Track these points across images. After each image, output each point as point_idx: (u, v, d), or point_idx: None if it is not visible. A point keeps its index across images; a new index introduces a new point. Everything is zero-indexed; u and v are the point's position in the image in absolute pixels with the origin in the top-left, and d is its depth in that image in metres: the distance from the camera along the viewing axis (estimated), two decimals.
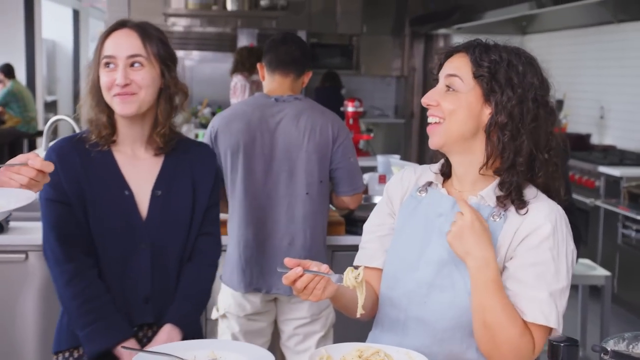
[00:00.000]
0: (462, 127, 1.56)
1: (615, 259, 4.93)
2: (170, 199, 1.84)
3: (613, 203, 4.89)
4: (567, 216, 1.58)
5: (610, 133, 6.20)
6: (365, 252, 1.73)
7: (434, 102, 1.58)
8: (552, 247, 1.51)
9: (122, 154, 1.86)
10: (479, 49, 1.56)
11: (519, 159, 1.54)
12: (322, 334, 2.83)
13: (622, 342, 1.37)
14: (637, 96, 5.80)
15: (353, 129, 5.25)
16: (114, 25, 1.81)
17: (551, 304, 1.49)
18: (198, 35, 8.50)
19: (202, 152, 1.95)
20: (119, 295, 1.80)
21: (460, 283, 1.55)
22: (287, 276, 1.50)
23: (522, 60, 1.56)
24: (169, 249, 1.83)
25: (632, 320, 4.70)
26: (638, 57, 5.79)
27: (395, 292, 1.64)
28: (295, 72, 2.81)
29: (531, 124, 1.53)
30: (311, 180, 2.71)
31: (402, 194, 1.71)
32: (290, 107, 2.74)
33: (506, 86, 1.53)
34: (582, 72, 6.54)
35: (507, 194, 1.56)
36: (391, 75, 9.15)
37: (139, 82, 1.77)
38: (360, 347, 1.46)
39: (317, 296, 1.51)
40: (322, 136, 2.72)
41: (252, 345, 1.55)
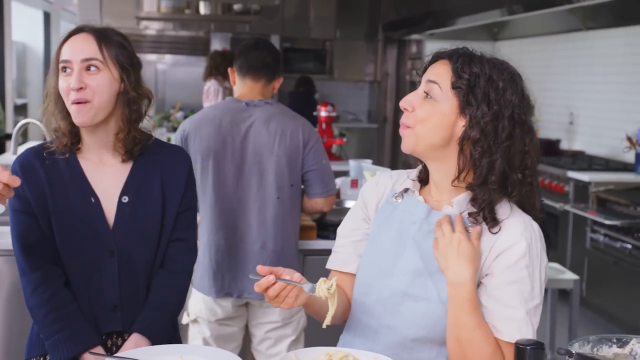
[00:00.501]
0: (433, 136, 1.55)
1: (583, 263, 4.99)
2: (138, 205, 1.81)
3: (582, 208, 4.96)
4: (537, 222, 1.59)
5: (580, 139, 6.28)
6: (339, 257, 1.73)
7: (409, 107, 1.57)
8: (527, 264, 1.51)
9: (88, 160, 1.83)
10: (462, 59, 1.54)
11: (491, 177, 1.52)
12: (294, 337, 2.83)
13: (587, 345, 1.39)
14: (605, 102, 5.89)
15: (326, 134, 5.26)
16: (71, 31, 1.79)
17: (528, 322, 1.50)
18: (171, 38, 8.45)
19: (173, 155, 1.91)
20: (86, 304, 1.78)
21: (434, 293, 1.55)
22: (259, 284, 1.49)
23: (504, 77, 1.53)
24: (138, 257, 1.80)
25: (600, 324, 4.77)
26: (606, 64, 5.88)
27: (368, 299, 1.64)
28: (266, 77, 2.82)
29: (505, 142, 1.51)
30: (282, 184, 2.72)
31: (378, 199, 1.70)
32: (261, 112, 2.75)
33: (482, 101, 1.51)
34: (552, 79, 6.62)
35: (479, 210, 1.54)
36: (364, 80, 9.19)
37: (93, 87, 1.74)
38: (329, 351, 1.47)
39: (289, 304, 1.51)
40: (292, 140, 2.73)
41: (221, 350, 1.54)
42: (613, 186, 4.92)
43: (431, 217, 1.59)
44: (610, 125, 5.77)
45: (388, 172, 1.76)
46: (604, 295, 4.81)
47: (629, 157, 5.33)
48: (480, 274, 1.54)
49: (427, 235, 1.59)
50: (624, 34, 5.65)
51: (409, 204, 1.64)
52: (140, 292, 1.82)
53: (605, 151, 5.82)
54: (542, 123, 6.51)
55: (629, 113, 5.52)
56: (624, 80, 5.65)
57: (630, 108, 5.53)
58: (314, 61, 8.90)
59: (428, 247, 1.57)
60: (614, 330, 4.52)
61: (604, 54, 5.90)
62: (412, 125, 1.56)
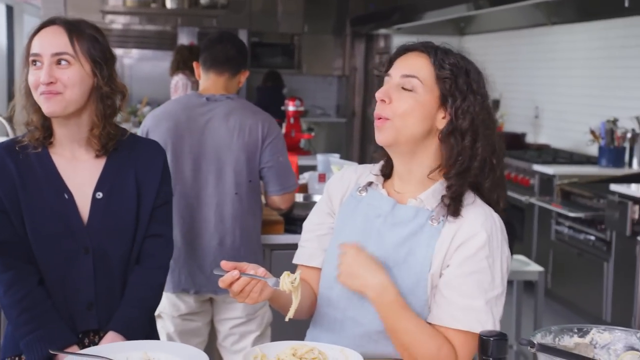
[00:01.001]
0: (412, 128, 1.55)
1: (548, 254, 5.06)
2: (112, 201, 1.78)
3: (547, 200, 5.02)
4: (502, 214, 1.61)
5: (545, 132, 6.36)
6: (305, 251, 1.73)
7: (387, 98, 1.55)
8: (487, 255, 1.53)
9: (60, 156, 1.79)
10: (440, 52, 1.56)
11: (474, 164, 1.55)
12: (258, 333, 2.82)
13: (549, 335, 1.41)
14: (569, 97, 5.96)
15: (294, 128, 5.26)
16: (43, 23, 1.75)
17: (487, 312, 1.51)
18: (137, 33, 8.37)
19: (148, 149, 1.88)
20: (61, 302, 1.75)
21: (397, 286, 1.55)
22: (223, 279, 1.49)
23: (475, 68, 1.58)
24: (113, 253, 1.77)
25: (565, 314, 4.84)
26: (569, 58, 5.95)
27: (333, 292, 1.64)
28: (230, 70, 2.81)
29: (486, 131, 1.55)
30: (240, 180, 2.70)
31: (342, 193, 1.71)
32: (221, 107, 2.73)
33: (469, 92, 1.54)
34: (518, 73, 6.69)
35: (453, 196, 1.56)
36: (333, 75, 9.19)
37: (64, 81, 1.71)
38: (294, 345, 1.47)
39: (253, 299, 1.51)
40: (251, 136, 2.72)
41: (185, 345, 1.53)
42: (577, 179, 4.99)
43: (396, 210, 1.60)
44: (574, 119, 5.85)
45: (353, 166, 1.77)
46: (568, 287, 4.88)
47: (593, 150, 5.41)
48: (442, 265, 1.55)
49: (391, 228, 1.60)
50: (586, 29, 5.73)
51: (373, 197, 1.65)
52: (116, 289, 1.79)
53: (570, 144, 5.90)
54: (507, 117, 6.59)
55: (592, 107, 5.60)
56: (587, 75, 5.73)
57: (593, 102, 5.61)
58: (282, 56, 8.88)
59: (392, 239, 1.59)
60: (579, 320, 4.60)
61: (568, 48, 5.98)
62: (390, 117, 1.55)
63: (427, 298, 1.55)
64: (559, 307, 4.94)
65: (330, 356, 1.47)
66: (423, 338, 1.50)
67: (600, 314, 4.47)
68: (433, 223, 1.56)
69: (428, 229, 1.57)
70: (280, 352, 1.46)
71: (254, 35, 8.75)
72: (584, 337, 1.42)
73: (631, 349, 1.39)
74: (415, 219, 1.58)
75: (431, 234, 1.56)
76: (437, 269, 1.55)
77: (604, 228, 4.45)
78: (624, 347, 1.40)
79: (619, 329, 1.41)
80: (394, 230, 1.59)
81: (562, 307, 4.93)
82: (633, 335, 1.40)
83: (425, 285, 1.55)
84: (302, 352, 1.44)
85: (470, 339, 1.51)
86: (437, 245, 1.55)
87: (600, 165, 5.16)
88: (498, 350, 1.26)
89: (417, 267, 1.55)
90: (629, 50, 5.22)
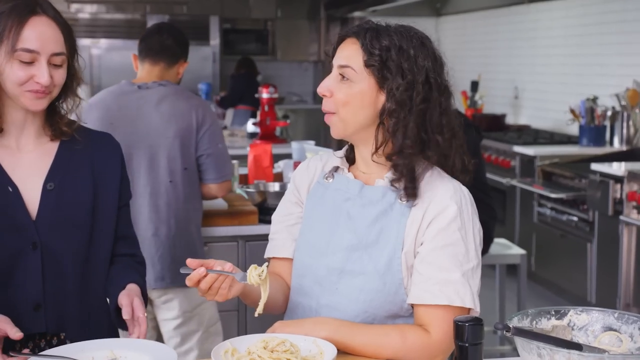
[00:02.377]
0: (358, 117, 1.57)
1: (531, 237, 5.09)
2: (65, 192, 1.69)
3: (528, 182, 5.04)
4: (482, 197, 1.61)
5: (525, 112, 6.38)
6: (275, 244, 1.73)
7: (327, 92, 1.59)
8: (460, 227, 1.54)
9: (3, 147, 1.69)
10: (370, 35, 1.56)
11: (406, 142, 1.55)
12: (201, 332, 2.80)
13: (526, 319, 1.41)
14: (548, 76, 5.98)
15: (269, 116, 5.22)
16: (26, 10, 1.62)
17: (465, 284, 1.52)
18: (106, 22, 8.28)
19: (103, 142, 1.80)
20: (4, 303, 1.63)
21: (370, 266, 1.56)
22: (190, 277, 1.48)
23: (414, 43, 1.56)
24: (65, 250, 1.68)
25: (548, 297, 4.87)
26: (548, 37, 5.96)
27: (305, 280, 1.64)
28: (166, 60, 2.81)
29: (420, 105, 1.54)
30: (174, 167, 2.69)
31: (309, 182, 1.71)
32: (152, 94, 2.73)
33: (396, 73, 1.54)
34: (496, 53, 6.70)
35: (398, 177, 1.57)
36: (308, 60, 9.16)
37: (56, 81, 1.64)
38: (265, 338, 1.45)
39: (223, 296, 1.50)
40: (184, 121, 2.71)
41: (153, 342, 1.51)
42: (558, 159, 5.01)
43: (364, 191, 1.61)
44: (553, 99, 5.87)
45: (318, 155, 1.77)
46: (552, 269, 4.91)
47: (573, 130, 5.43)
48: (416, 243, 1.56)
49: (361, 209, 1.60)
50: (565, 6, 5.74)
51: (340, 182, 1.66)
52: (67, 290, 1.68)
53: (550, 124, 5.92)
54: (487, 98, 6.59)
55: (571, 85, 5.62)
56: (566, 53, 5.75)
57: (573, 80, 5.63)
58: (255, 42, 8.84)
59: (362, 221, 1.59)
60: (563, 303, 4.63)
61: (546, 26, 5.99)
62: (334, 111, 1.59)
63: (402, 277, 1.55)
64: (543, 290, 4.97)
65: (303, 348, 1.46)
66: (382, 340, 1.52)
67: (585, 295, 4.50)
68: (402, 201, 1.57)
69: (398, 207, 1.57)
70: (251, 345, 1.45)
71: (226, 22, 8.69)
72: (562, 319, 1.42)
73: (609, 329, 1.39)
74: (384, 198, 1.59)
75: (401, 211, 1.57)
76: (411, 247, 1.56)
77: (586, 208, 4.47)
78: (602, 327, 1.40)
79: (597, 310, 1.41)
80: (363, 212, 1.60)
81: (546, 290, 4.96)
82: (610, 315, 1.40)
83: (399, 264, 1.55)
84: (274, 344, 1.42)
85: (449, 313, 1.51)
86: (409, 222, 1.56)
87: (581, 144, 5.18)
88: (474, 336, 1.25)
89: (389, 247, 1.56)
90: (607, 26, 5.24)
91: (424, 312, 1.54)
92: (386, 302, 1.56)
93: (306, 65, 9.28)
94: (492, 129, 5.95)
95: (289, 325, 1.54)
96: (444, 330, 1.51)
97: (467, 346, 1.21)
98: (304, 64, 9.24)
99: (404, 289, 1.56)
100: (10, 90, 1.63)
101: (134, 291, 1.67)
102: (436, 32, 7.36)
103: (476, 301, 1.53)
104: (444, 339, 1.51)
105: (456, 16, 7.36)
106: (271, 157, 3.61)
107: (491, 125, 6.08)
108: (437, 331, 1.52)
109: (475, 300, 1.53)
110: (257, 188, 3.19)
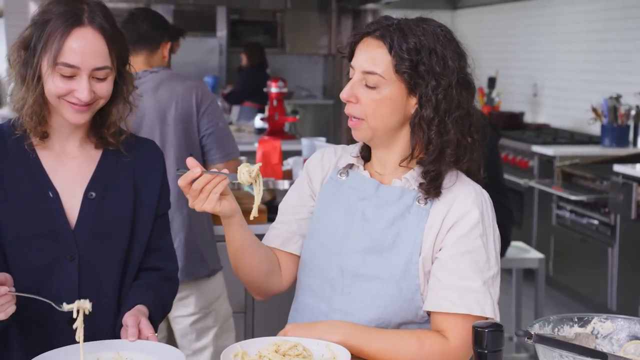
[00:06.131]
0: (387, 123, 1.56)
1: (550, 241, 5.08)
2: (106, 202, 1.68)
3: (547, 183, 5.03)
4: (499, 198, 1.62)
5: (544, 111, 6.37)
6: (279, 233, 1.71)
7: (353, 98, 1.56)
8: (481, 233, 1.54)
9: (47, 149, 1.67)
10: (397, 37, 1.52)
11: (447, 151, 1.54)
12: (217, 328, 2.82)
13: (548, 326, 1.40)
14: (569, 72, 5.96)
15: (277, 111, 5.23)
16: (71, 19, 1.59)
17: (486, 292, 1.52)
18: None
19: (147, 150, 1.78)
20: (35, 316, 1.61)
21: (386, 271, 1.56)
22: (184, 176, 1.49)
23: (441, 41, 1.54)
24: (103, 262, 1.66)
25: (567, 303, 4.86)
26: (569, 31, 5.95)
27: (316, 281, 1.64)
28: (147, 47, 2.81)
29: (455, 112, 1.53)
30: (180, 154, 2.68)
31: (323, 175, 1.70)
32: (146, 82, 2.73)
33: (430, 78, 1.52)
34: (514, 48, 6.68)
35: (429, 181, 1.56)
36: (318, 54, 9.16)
37: (99, 94, 1.62)
38: (277, 342, 1.46)
39: (212, 202, 1.49)
40: (184, 105, 2.71)
41: (161, 344, 1.51)
42: (579, 160, 5.01)
43: (380, 191, 1.61)
44: (574, 97, 5.86)
45: (332, 147, 1.76)
46: (571, 274, 4.90)
47: (595, 129, 5.42)
48: (434, 247, 1.55)
49: (377, 210, 1.60)
50: (587, 1, 5.72)
51: (355, 180, 1.65)
52: (103, 304, 1.64)
53: (571, 123, 5.90)
54: (504, 95, 6.58)
55: (593, 83, 5.60)
56: (589, 49, 5.73)
57: (595, 77, 5.62)
58: (263, 34, 8.84)
59: (378, 223, 1.58)
60: (582, 310, 4.62)
61: (567, 20, 5.98)
62: (362, 117, 1.56)
63: (419, 284, 1.55)
64: (561, 296, 4.96)
65: (316, 352, 1.46)
66: (398, 346, 1.52)
67: (605, 303, 4.49)
68: (420, 203, 1.57)
69: (415, 209, 1.57)
70: (262, 348, 1.45)
71: (233, 13, 8.69)
72: (585, 326, 1.41)
73: (635, 338, 1.39)
74: (402, 199, 1.58)
75: (419, 215, 1.56)
76: (429, 252, 1.55)
77: (608, 211, 4.46)
78: (627, 336, 1.40)
79: (622, 318, 1.41)
80: (379, 213, 1.59)
81: (565, 296, 4.95)
82: (637, 323, 1.40)
83: (416, 269, 1.55)
84: (285, 348, 1.43)
85: (469, 321, 1.50)
86: (427, 226, 1.56)
87: (603, 145, 5.17)
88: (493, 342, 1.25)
89: (406, 251, 1.55)
90: (632, 21, 5.23)
91: (442, 319, 1.54)
92: (401, 308, 1.56)
93: (316, 58, 9.28)
94: (509, 128, 5.94)
95: (301, 328, 1.54)
96: (463, 337, 1.51)
97: (487, 353, 1.22)
98: (313, 57, 9.24)
99: (420, 296, 1.56)
100: (51, 100, 1.62)
101: (141, 312, 1.63)
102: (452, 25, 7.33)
103: (496, 310, 1.53)
104: (462, 346, 1.52)
105: (473, 9, 7.35)
106: (280, 154, 3.61)
107: (509, 123, 6.07)
108: (455, 337, 1.52)
109: (495, 309, 1.53)
110: (266, 186, 3.20)
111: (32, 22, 1.64)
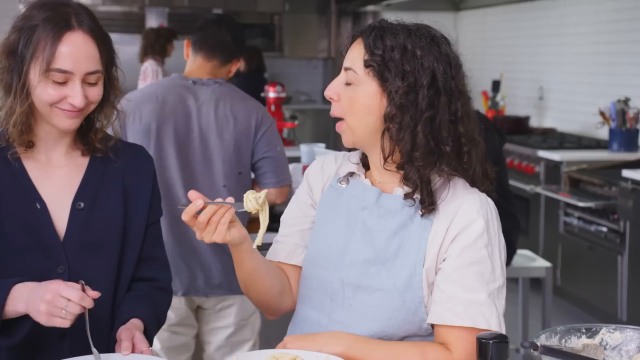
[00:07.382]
0: (363, 122, 1.56)
1: (557, 249, 5.07)
2: (96, 212, 1.68)
3: (554, 189, 5.03)
4: (504, 205, 1.61)
5: (550, 115, 6.37)
6: (284, 247, 1.72)
7: (335, 96, 1.59)
8: (487, 244, 1.54)
9: (32, 160, 1.67)
10: (374, 34, 1.55)
11: (415, 153, 1.53)
12: (252, 341, 2.84)
13: (555, 337, 1.40)
14: (576, 75, 5.97)
15: (276, 117, 5.23)
16: (60, 23, 1.59)
17: (491, 305, 1.52)
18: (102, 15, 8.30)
19: (136, 155, 1.78)
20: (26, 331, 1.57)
21: (389, 283, 1.56)
22: (187, 210, 1.48)
23: (422, 43, 1.53)
24: (95, 274, 1.64)
25: (575, 313, 4.85)
26: (576, 33, 5.95)
27: (316, 293, 1.64)
28: (221, 57, 2.82)
29: (426, 112, 1.52)
30: (229, 170, 2.71)
31: (323, 184, 1.71)
32: (209, 92, 2.75)
33: (396, 75, 1.52)
34: (519, 51, 6.69)
35: (413, 189, 1.55)
36: (317, 57, 9.17)
37: (90, 99, 1.62)
38: (275, 354, 1.46)
39: (222, 233, 1.49)
40: (242, 124, 2.73)
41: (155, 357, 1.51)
42: (586, 165, 5.00)
43: (382, 200, 1.60)
44: (582, 100, 5.86)
45: (332, 154, 1.76)
46: (579, 283, 4.89)
47: (603, 134, 5.42)
48: (438, 258, 1.55)
49: (379, 220, 1.59)
50: (593, 1, 5.74)
51: (356, 188, 1.65)
52: (96, 316, 1.61)
53: (578, 128, 5.91)
54: (509, 99, 6.59)
55: (601, 86, 5.61)
56: (595, 51, 5.74)
57: (602, 80, 5.62)
58: (261, 37, 8.84)
59: (380, 233, 1.58)
60: (591, 320, 4.61)
61: (574, 22, 5.98)
62: (341, 115, 1.58)
63: (423, 296, 1.55)
64: (569, 306, 4.95)
65: None
66: (400, 358, 1.52)
67: (615, 312, 4.48)
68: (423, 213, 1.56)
69: (418, 219, 1.57)
70: None
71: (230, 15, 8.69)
72: (593, 337, 1.41)
73: None
74: (404, 208, 1.58)
75: (422, 225, 1.56)
76: (432, 263, 1.55)
77: (617, 218, 4.46)
78: (637, 347, 1.40)
79: (631, 328, 1.41)
80: (381, 223, 1.59)
81: (573, 306, 4.94)
82: None
83: (419, 281, 1.55)
84: None
85: (473, 334, 1.50)
86: (430, 236, 1.56)
87: (611, 149, 5.17)
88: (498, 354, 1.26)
89: (409, 262, 1.55)
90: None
91: (446, 332, 1.53)
92: (405, 321, 1.56)
93: (315, 62, 9.29)
94: (514, 132, 5.94)
95: (301, 340, 1.54)
96: (467, 350, 1.51)
97: None
98: (312, 61, 9.25)
99: (424, 308, 1.55)
100: (41, 108, 1.61)
101: (136, 326, 1.63)
102: (455, 27, 7.37)
103: (502, 323, 1.52)
104: (466, 359, 1.51)
105: (476, 11, 7.36)
106: None
107: (514, 128, 6.07)
108: (459, 350, 1.51)
109: (501, 322, 1.52)
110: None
111: (15, 28, 1.62)
